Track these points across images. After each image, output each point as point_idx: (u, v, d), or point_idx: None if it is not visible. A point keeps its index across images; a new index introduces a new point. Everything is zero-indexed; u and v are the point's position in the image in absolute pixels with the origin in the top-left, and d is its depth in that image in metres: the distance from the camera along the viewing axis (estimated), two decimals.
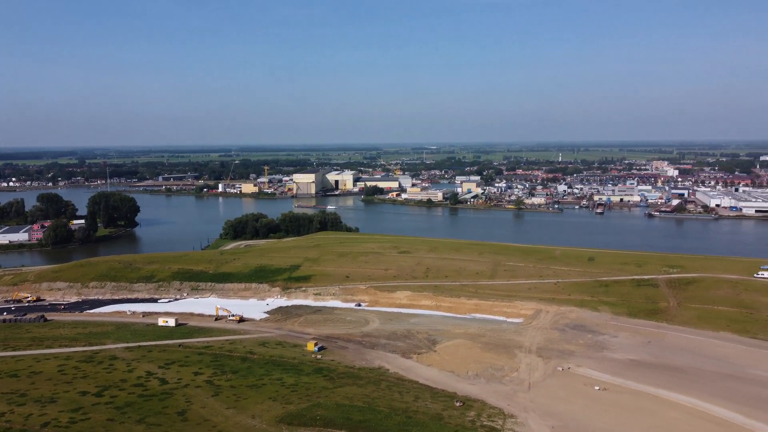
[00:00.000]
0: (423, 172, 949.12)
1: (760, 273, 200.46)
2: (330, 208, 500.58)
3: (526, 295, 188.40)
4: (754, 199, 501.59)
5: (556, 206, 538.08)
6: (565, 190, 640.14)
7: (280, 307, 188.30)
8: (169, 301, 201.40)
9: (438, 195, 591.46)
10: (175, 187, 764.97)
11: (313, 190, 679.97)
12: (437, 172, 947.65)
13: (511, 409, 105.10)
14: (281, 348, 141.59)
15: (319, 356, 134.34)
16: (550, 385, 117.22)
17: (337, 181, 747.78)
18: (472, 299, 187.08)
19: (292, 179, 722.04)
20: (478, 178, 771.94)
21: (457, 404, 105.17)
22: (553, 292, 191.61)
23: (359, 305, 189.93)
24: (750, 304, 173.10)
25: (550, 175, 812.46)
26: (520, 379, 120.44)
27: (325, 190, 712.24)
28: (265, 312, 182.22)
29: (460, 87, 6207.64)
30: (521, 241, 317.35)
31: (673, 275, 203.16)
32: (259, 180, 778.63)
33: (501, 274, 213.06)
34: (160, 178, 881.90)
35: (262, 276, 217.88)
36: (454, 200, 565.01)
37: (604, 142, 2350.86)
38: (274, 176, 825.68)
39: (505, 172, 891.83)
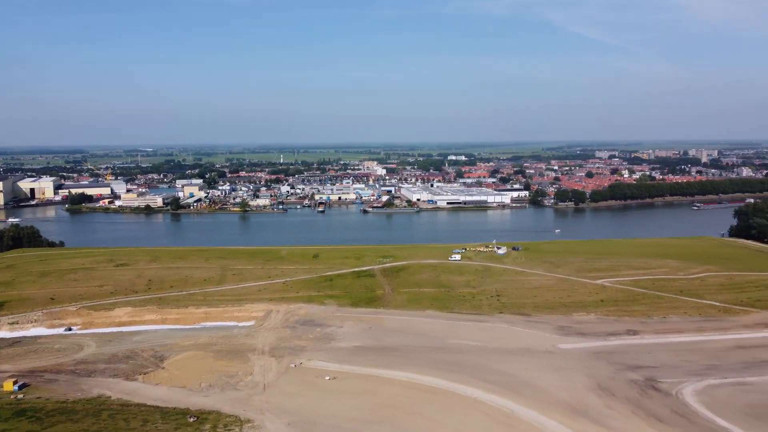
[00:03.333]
0: (139, 176, 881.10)
1: (452, 256, 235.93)
2: (14, 220, 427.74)
3: (256, 297, 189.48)
4: (445, 193, 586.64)
5: (281, 207, 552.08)
6: (288, 191, 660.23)
7: None
8: None
9: (157, 200, 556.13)
10: None
11: (0, 201, 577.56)
12: (155, 176, 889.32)
13: (247, 413, 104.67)
14: None
15: (20, 396, 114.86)
16: (284, 383, 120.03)
17: (32, 190, 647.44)
18: (201, 308, 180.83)
19: None
20: (200, 181, 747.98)
21: (191, 419, 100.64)
22: (283, 291, 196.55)
23: (70, 330, 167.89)
24: (447, 283, 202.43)
25: (273, 177, 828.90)
26: (255, 382, 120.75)
27: (18, 201, 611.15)
28: None
29: (180, 86, 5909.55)
30: (249, 243, 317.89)
31: (386, 264, 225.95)
32: None
33: (230, 279, 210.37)
34: None
35: None
36: (175, 205, 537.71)
37: (321, 143, 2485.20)
38: None
39: (229, 175, 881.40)
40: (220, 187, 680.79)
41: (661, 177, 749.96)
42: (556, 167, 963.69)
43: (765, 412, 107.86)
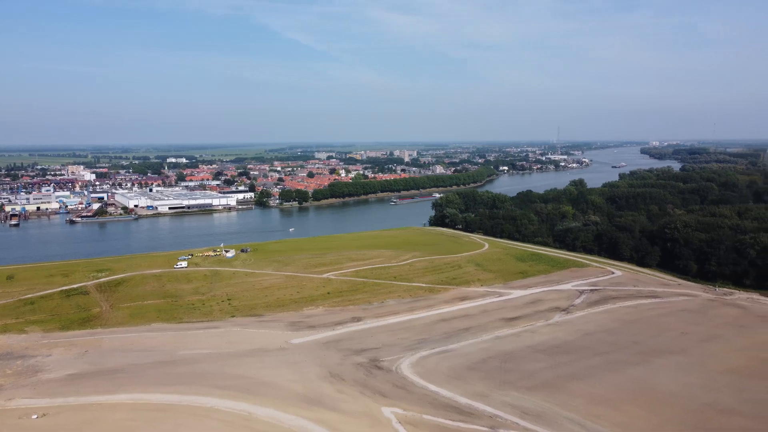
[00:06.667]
0: None
1: (178, 264, 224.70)
2: None
3: None
4: (166, 198, 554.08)
5: None
6: None
7: None
8: None
9: None
10: None
11: None
12: None
13: None
14: None
15: None
16: None
17: None
18: None
19: None
20: None
21: None
22: None
23: None
24: (174, 292, 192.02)
25: None
26: None
27: None
28: None
29: None
30: None
31: (102, 279, 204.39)
32: None
33: None
34: None
35: None
36: None
37: (10, 146, 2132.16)
38: None
39: None
40: None
41: (373, 175, 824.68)
42: (279, 168, 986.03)
43: (462, 372, 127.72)
